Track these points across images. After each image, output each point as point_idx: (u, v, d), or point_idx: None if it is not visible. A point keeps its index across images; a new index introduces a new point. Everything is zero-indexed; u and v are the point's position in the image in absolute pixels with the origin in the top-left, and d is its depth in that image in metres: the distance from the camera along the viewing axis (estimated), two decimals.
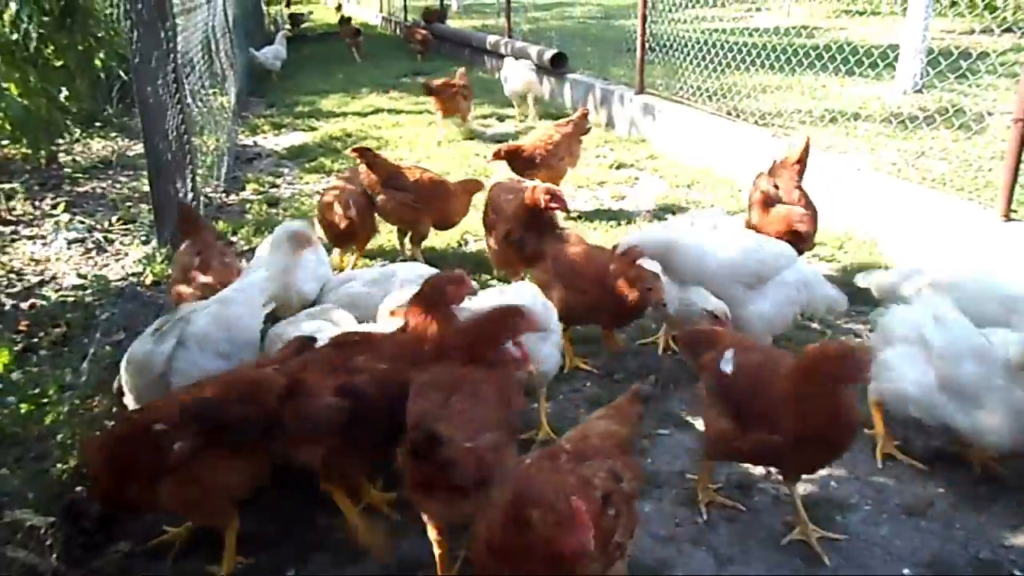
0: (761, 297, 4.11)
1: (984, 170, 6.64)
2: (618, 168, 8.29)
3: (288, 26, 20.62)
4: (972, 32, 9.69)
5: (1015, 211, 5.23)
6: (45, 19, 6.26)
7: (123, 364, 3.58)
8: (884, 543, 3.21)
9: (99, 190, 7.61)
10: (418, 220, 5.76)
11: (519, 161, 6.88)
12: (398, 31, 20.47)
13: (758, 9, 15.73)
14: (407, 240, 5.96)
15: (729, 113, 8.15)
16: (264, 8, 23.39)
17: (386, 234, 6.30)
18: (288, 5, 25.99)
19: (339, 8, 25.60)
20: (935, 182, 6.19)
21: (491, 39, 14.16)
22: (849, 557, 3.13)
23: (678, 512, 3.38)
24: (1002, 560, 3.11)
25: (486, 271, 5.60)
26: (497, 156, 6.85)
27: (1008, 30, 7.56)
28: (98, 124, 9.58)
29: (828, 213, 6.42)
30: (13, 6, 6.17)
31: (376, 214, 5.75)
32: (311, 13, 24.72)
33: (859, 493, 3.49)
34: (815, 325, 4.93)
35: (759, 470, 3.61)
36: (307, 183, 8.02)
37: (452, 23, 19.03)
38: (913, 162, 7.00)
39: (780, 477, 3.36)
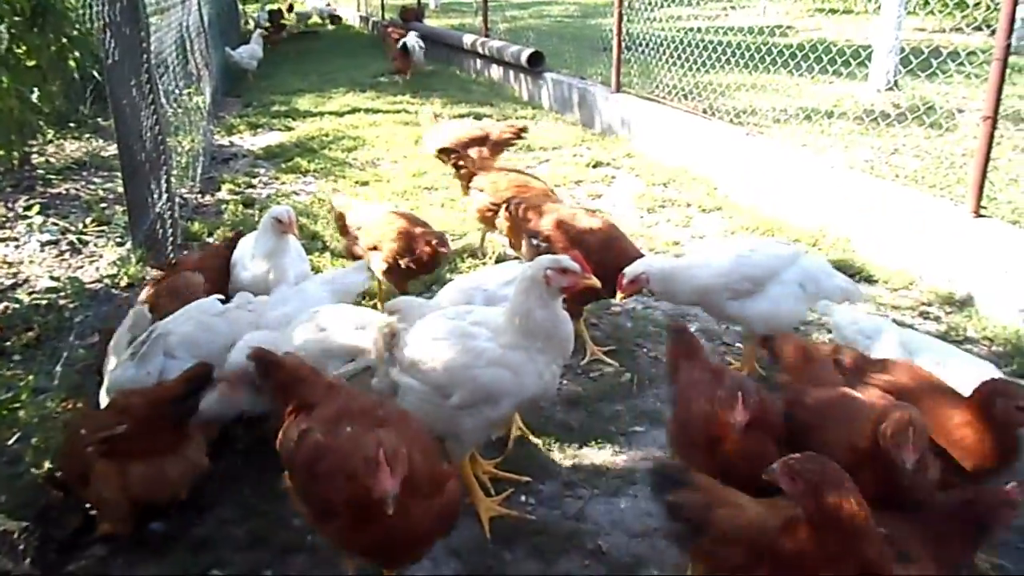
0: (760, 297, 4.07)
1: (956, 167, 6.73)
2: (595, 167, 8.32)
3: (268, 24, 20.46)
4: (943, 31, 9.86)
5: (984, 207, 5.30)
6: (17, 19, 6.18)
7: (105, 392, 3.54)
8: None
9: (73, 191, 7.55)
10: None
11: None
12: (375, 30, 20.41)
13: (733, 8, 15.82)
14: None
15: (704, 111, 8.21)
16: (240, 7, 23.23)
17: None
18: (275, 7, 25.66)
19: (290, 8, 25.19)
20: (908, 179, 6.27)
21: (468, 38, 14.16)
22: None
23: (653, 508, 3.41)
24: None
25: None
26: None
27: (978, 28, 7.67)
28: (72, 125, 9.50)
29: (802, 210, 6.51)
30: None
31: None
32: (291, 9, 24.43)
33: None
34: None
35: None
36: (283, 183, 7.99)
37: (430, 22, 19.00)
38: (886, 159, 7.09)
39: None
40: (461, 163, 5.88)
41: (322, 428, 2.66)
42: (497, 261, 5.82)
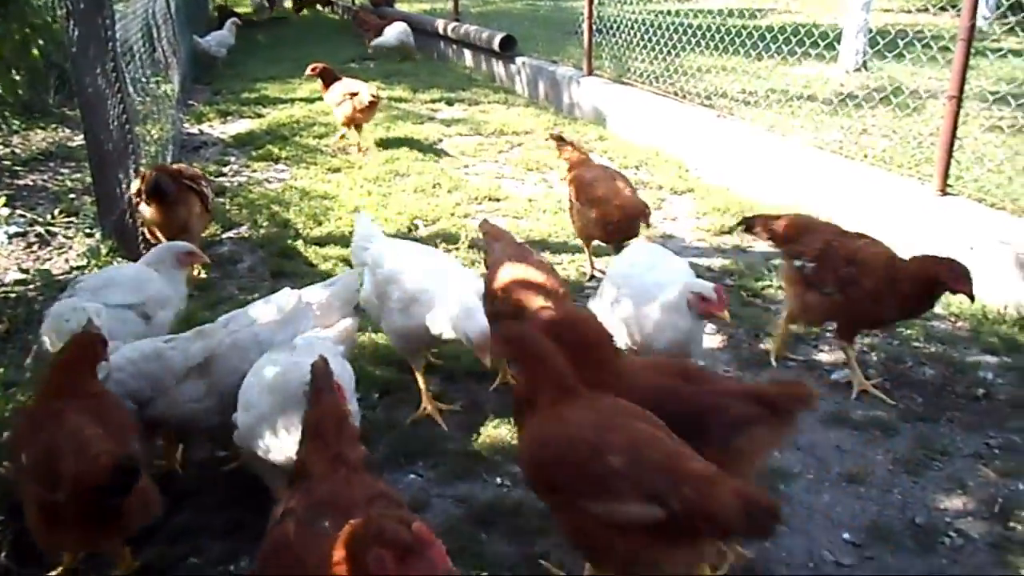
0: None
1: (924, 146, 6.81)
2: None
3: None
4: (910, 11, 9.94)
5: (951, 186, 5.38)
6: None
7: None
8: (825, 510, 3.32)
9: (40, 183, 7.44)
10: None
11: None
12: (346, 15, 20.21)
13: None
14: None
15: (676, 94, 8.24)
16: None
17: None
18: None
19: None
20: (876, 159, 6.34)
21: (439, 23, 14.08)
22: (792, 524, 3.23)
23: None
24: (938, 523, 3.24)
25: None
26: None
27: (944, 9, 7.74)
28: (37, 115, 9.34)
29: (773, 191, 6.57)
30: None
31: None
32: None
33: (801, 462, 3.60)
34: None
35: None
36: (255, 171, 7.93)
37: (400, 6, 18.85)
38: (855, 140, 7.16)
39: None
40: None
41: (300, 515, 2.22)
42: (470, 246, 5.84)
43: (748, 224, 4.56)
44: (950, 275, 3.78)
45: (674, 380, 2.93)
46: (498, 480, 3.50)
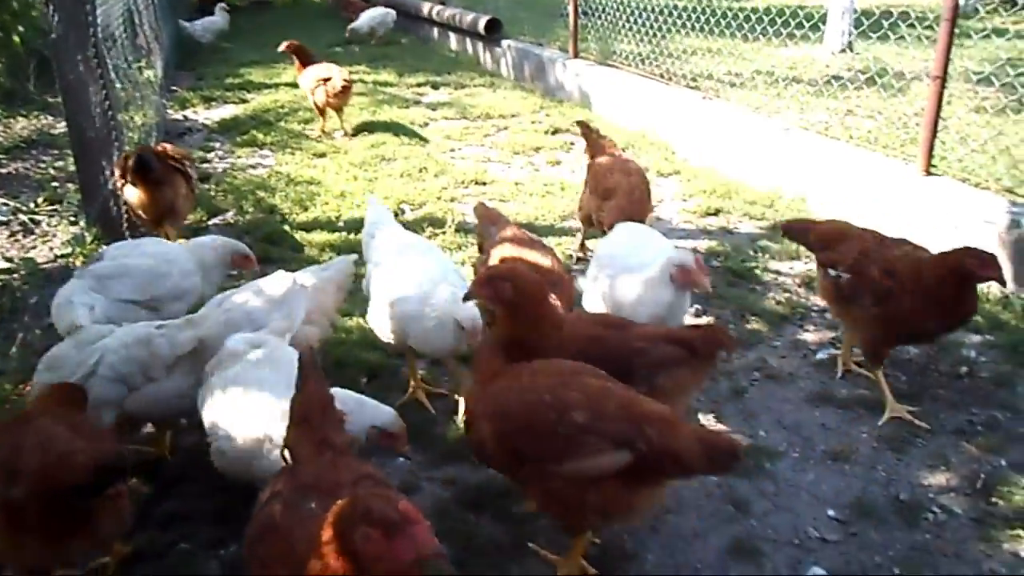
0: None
1: (908, 127, 6.83)
2: (553, 133, 8.33)
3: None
4: None
5: (935, 166, 5.41)
6: None
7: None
8: (810, 487, 3.36)
9: (23, 171, 7.38)
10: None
11: None
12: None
13: None
14: None
15: (662, 76, 8.23)
16: None
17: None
18: None
19: None
20: (861, 140, 6.36)
21: (425, 6, 13.99)
22: (777, 502, 3.27)
23: None
24: (921, 499, 3.28)
25: None
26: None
27: None
28: (19, 102, 9.24)
29: (758, 172, 6.59)
30: None
31: None
32: None
33: (787, 441, 3.63)
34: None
35: None
36: (239, 157, 7.88)
37: None
38: (841, 121, 7.17)
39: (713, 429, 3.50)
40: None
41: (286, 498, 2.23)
42: (457, 230, 5.83)
43: (787, 229, 4.45)
44: (976, 263, 3.53)
45: (601, 329, 3.10)
46: None
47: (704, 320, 4.66)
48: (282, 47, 8.70)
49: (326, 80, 8.07)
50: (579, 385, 2.65)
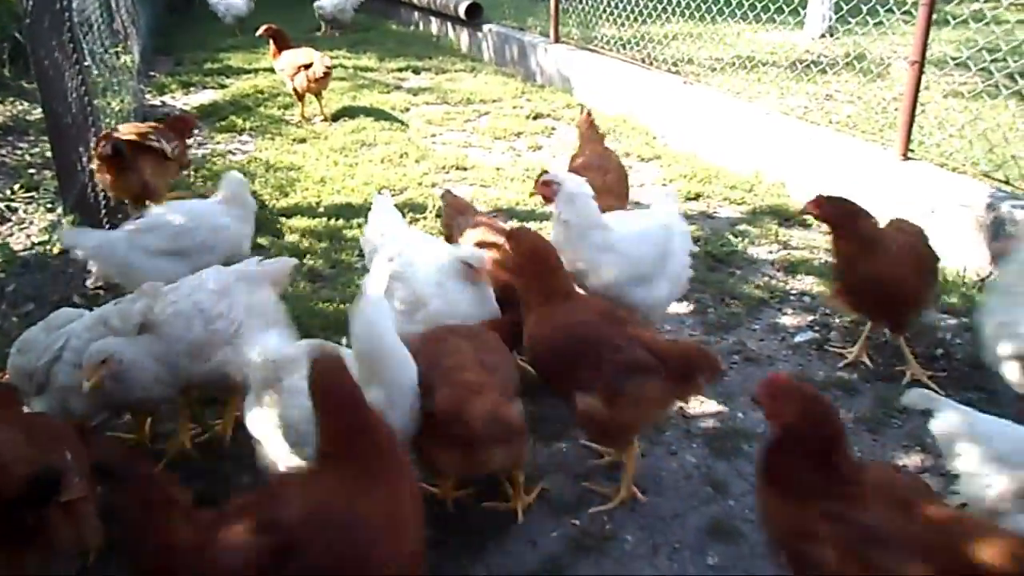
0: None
1: (888, 112, 6.87)
2: (535, 119, 8.32)
3: None
4: None
5: (912, 151, 5.45)
6: None
7: None
8: None
9: None
10: None
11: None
12: None
13: None
14: None
15: (643, 61, 8.23)
16: None
17: None
18: None
19: None
20: (840, 125, 6.39)
21: None
22: (754, 482, 3.29)
23: (592, 453, 3.50)
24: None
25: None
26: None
27: None
28: None
29: (738, 157, 6.61)
30: None
31: None
32: None
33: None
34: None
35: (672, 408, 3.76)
36: (219, 143, 7.83)
37: None
38: (820, 106, 7.21)
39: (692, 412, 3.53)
40: None
41: None
42: (437, 215, 5.82)
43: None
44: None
45: (596, 315, 3.23)
46: None
47: (685, 305, 4.69)
48: (260, 31, 8.60)
49: (307, 66, 8.01)
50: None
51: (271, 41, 8.52)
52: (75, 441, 2.73)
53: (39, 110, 6.46)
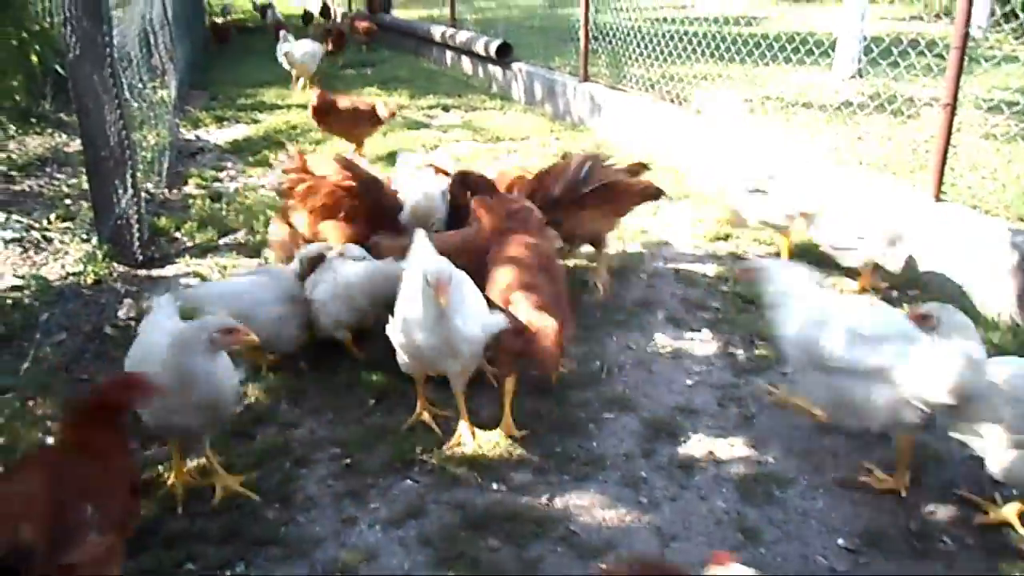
0: None
1: (919, 153, 6.83)
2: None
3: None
4: (905, 19, 10.01)
5: (945, 192, 5.40)
6: None
7: None
8: (820, 516, 3.32)
9: (36, 188, 7.44)
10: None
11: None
12: (344, 22, 20.25)
13: None
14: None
15: (672, 101, 8.26)
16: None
17: None
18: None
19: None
20: (871, 166, 6.36)
21: (436, 29, 14.11)
22: (786, 530, 3.24)
23: (622, 493, 3.46)
24: (932, 529, 3.24)
25: None
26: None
27: (938, 16, 7.79)
28: (33, 120, 9.34)
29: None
30: None
31: None
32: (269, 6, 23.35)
33: (796, 469, 3.60)
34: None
35: (702, 451, 3.70)
36: (251, 176, 7.93)
37: (397, 12, 18.89)
38: (851, 147, 7.18)
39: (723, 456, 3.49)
40: None
41: None
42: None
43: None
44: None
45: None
46: (494, 486, 3.50)
47: (715, 346, 4.65)
48: (313, 102, 8.18)
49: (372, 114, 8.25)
50: None
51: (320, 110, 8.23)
52: (108, 491, 2.59)
53: (77, 142, 6.60)
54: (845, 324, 3.31)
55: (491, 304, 3.75)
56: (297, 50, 11.92)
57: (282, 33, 12.82)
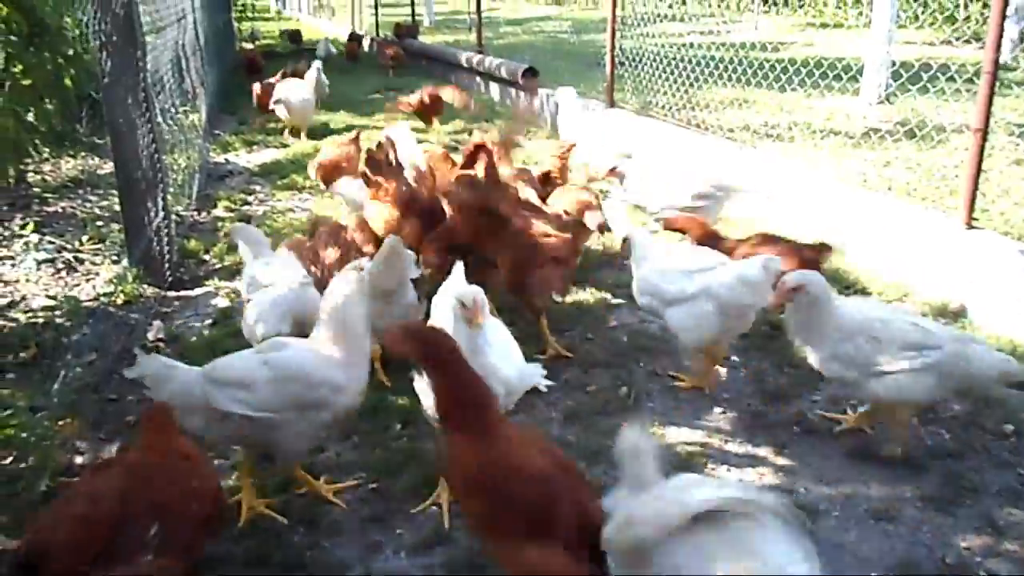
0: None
1: (948, 179, 6.77)
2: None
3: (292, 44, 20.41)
4: (933, 44, 9.96)
5: (976, 219, 5.34)
6: (14, 39, 6.21)
7: None
8: (853, 548, 3.26)
9: (69, 210, 7.56)
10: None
11: None
12: (373, 47, 20.50)
13: (726, 23, 15.93)
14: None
15: (698, 127, 8.26)
16: (235, 25, 23.24)
17: None
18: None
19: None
20: (900, 191, 6.31)
21: (463, 55, 14.23)
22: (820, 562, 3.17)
23: None
24: (968, 563, 3.17)
25: None
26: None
27: (967, 41, 7.75)
28: (67, 143, 9.50)
29: (796, 223, 6.54)
30: None
31: None
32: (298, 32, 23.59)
33: (828, 499, 3.54)
34: None
35: (731, 480, 3.65)
36: (279, 200, 8.01)
37: (424, 38, 19.10)
38: (879, 172, 7.13)
39: (753, 485, 3.41)
40: None
41: None
42: None
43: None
44: None
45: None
46: None
47: (743, 372, 4.60)
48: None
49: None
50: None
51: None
52: (180, 514, 2.58)
53: (109, 165, 6.68)
54: (674, 266, 4.30)
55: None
56: (294, 96, 10.53)
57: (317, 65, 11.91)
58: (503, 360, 3.34)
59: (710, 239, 4.95)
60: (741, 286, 4.03)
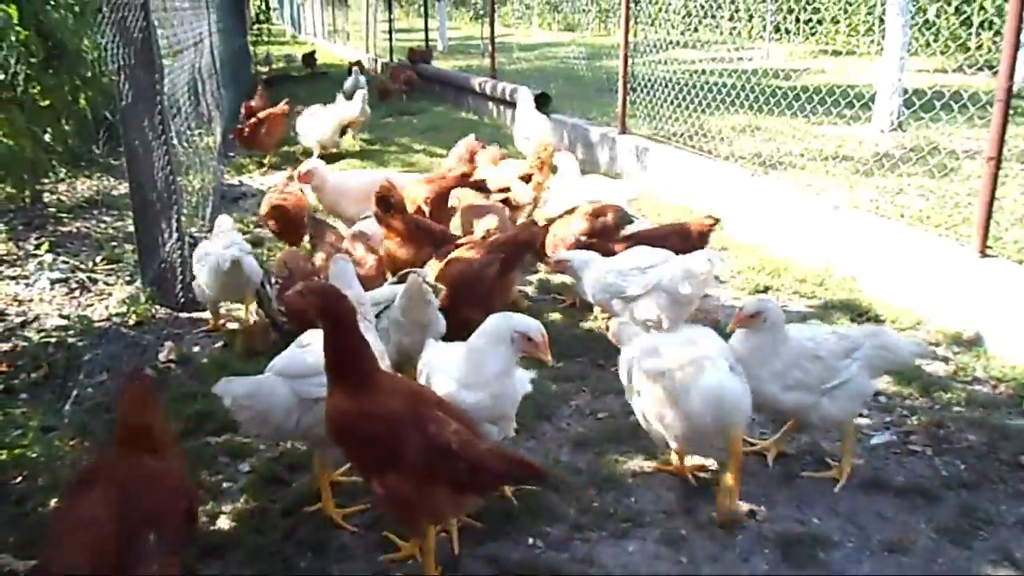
0: None
1: (961, 207, 6.75)
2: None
3: (309, 68, 20.65)
4: (945, 71, 9.97)
5: (990, 247, 5.31)
6: (32, 61, 6.30)
7: None
8: None
9: (83, 230, 7.61)
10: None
11: None
12: (386, 72, 20.67)
13: (738, 50, 15.99)
14: None
15: (710, 152, 8.27)
16: (251, 49, 23.51)
17: None
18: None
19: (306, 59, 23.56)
20: (913, 219, 6.29)
21: (475, 80, 14.32)
22: None
23: (661, 551, 3.38)
24: None
25: None
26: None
27: (980, 69, 7.75)
28: (83, 164, 9.60)
29: (808, 250, 6.53)
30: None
31: None
32: (314, 54, 23.81)
33: (841, 530, 3.50)
34: None
35: (743, 509, 3.62)
36: None
37: (437, 63, 19.24)
38: (891, 199, 7.12)
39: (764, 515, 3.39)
40: None
41: None
42: None
43: None
44: None
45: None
46: (529, 540, 3.44)
47: None
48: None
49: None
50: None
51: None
52: (166, 516, 2.64)
53: (124, 186, 6.74)
54: (624, 264, 4.88)
55: None
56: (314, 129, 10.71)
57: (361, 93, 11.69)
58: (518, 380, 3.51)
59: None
60: (685, 278, 4.61)
